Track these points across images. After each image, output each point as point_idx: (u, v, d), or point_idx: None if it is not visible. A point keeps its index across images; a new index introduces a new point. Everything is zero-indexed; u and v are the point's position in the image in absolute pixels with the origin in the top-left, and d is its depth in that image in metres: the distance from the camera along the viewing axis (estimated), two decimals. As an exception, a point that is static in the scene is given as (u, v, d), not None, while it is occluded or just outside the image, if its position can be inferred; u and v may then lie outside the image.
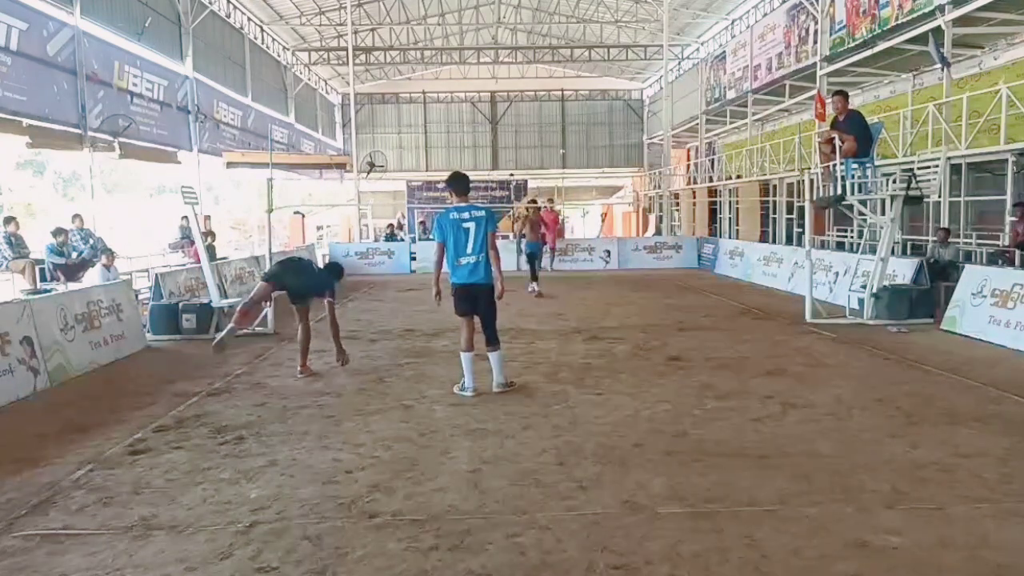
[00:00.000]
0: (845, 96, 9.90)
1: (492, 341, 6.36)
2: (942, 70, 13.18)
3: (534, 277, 13.95)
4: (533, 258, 14.16)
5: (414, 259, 20.24)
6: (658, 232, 29.32)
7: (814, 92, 17.49)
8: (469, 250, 6.11)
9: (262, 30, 27.11)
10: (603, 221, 36.88)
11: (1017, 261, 10.46)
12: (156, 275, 10.53)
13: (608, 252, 20.80)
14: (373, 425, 5.45)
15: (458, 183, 6.37)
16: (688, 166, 32.16)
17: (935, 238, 11.92)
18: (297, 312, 7.21)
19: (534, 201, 15.37)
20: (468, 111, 38.83)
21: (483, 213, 6.24)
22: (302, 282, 7.19)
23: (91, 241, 12.62)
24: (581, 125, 39.10)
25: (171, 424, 5.59)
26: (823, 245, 16.70)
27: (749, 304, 12.11)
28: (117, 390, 6.84)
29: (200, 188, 17.84)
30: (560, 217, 26.93)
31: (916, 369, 7.11)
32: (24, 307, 7.02)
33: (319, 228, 29.12)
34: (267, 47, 27.85)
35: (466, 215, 6.15)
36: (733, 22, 27.63)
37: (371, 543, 3.50)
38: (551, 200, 22.36)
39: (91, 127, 14.29)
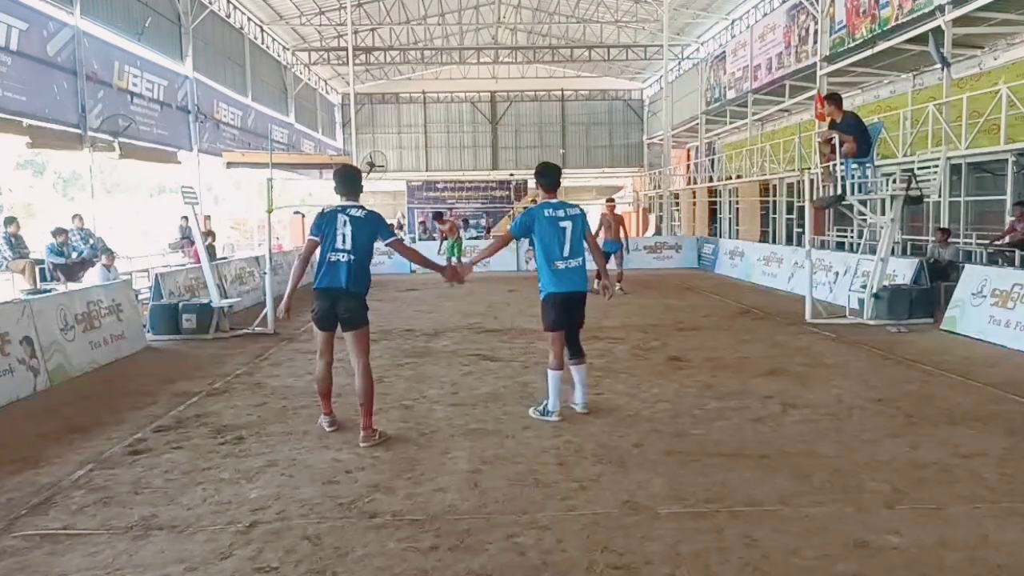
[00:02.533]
0: (838, 101, 9.85)
1: (580, 352, 5.68)
2: (942, 70, 13.19)
3: (619, 277, 13.70)
4: (609, 257, 13.91)
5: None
6: (658, 232, 29.32)
7: (814, 92, 17.49)
8: (567, 252, 5.36)
9: (262, 30, 27.12)
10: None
11: (1017, 261, 10.47)
12: (156, 275, 10.52)
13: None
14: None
15: (549, 176, 5.61)
16: (688, 166, 32.16)
17: (935, 238, 11.92)
18: (350, 344, 5.05)
19: (611, 200, 15.15)
20: (468, 111, 38.85)
21: (578, 211, 5.50)
22: (355, 303, 5.00)
23: (91, 241, 12.63)
24: (581, 125, 39.13)
25: (171, 424, 5.58)
26: (823, 245, 16.71)
27: (749, 304, 12.11)
28: (117, 390, 6.83)
29: (200, 188, 17.84)
30: None
31: (916, 369, 7.10)
32: (24, 307, 7.02)
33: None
34: (267, 47, 27.86)
35: (561, 212, 5.40)
36: (733, 22, 27.64)
37: (371, 543, 3.50)
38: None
39: (91, 127, 14.29)
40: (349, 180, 5.31)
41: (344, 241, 4.93)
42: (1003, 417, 5.40)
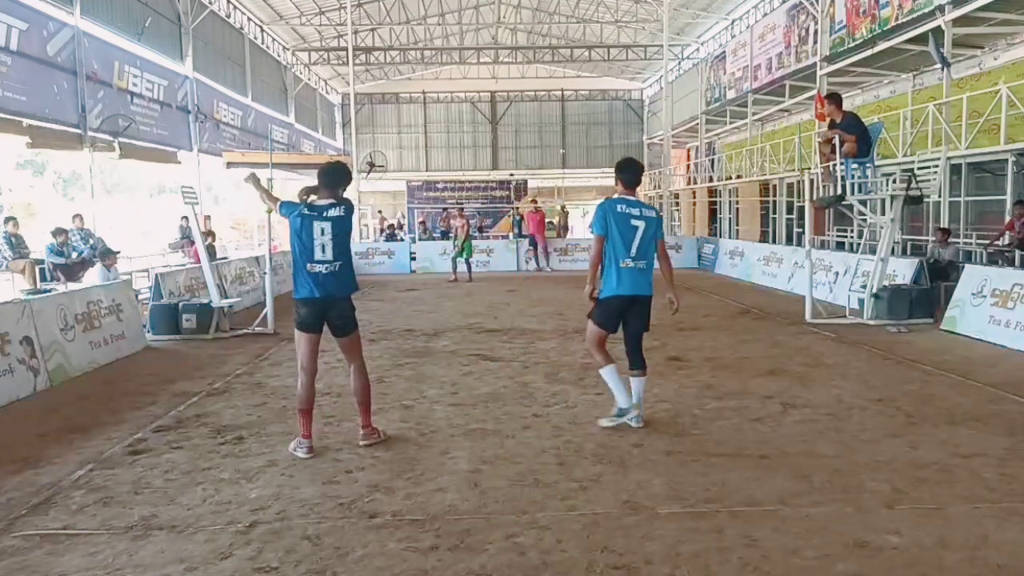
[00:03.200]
0: (838, 101, 9.83)
1: (643, 364, 5.28)
2: (942, 70, 13.19)
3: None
4: None
5: (414, 259, 20.26)
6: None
7: (814, 92, 17.48)
8: (634, 252, 5.03)
9: (262, 30, 27.12)
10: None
11: (1017, 261, 10.47)
12: (156, 275, 10.53)
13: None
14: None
15: (630, 171, 5.23)
16: (688, 166, 32.17)
17: (935, 238, 11.92)
18: (344, 348, 4.97)
19: None
20: (468, 111, 38.85)
21: (654, 214, 5.18)
22: (345, 309, 4.85)
23: (91, 241, 12.63)
24: (581, 125, 39.14)
25: (171, 424, 5.58)
26: (823, 245, 16.71)
27: (749, 304, 12.11)
28: (117, 390, 6.83)
29: (200, 188, 17.84)
30: (564, 217, 26.94)
31: (916, 369, 7.10)
32: (24, 307, 7.02)
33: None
34: (267, 47, 27.86)
35: (636, 211, 5.07)
36: (733, 22, 27.64)
37: (371, 543, 3.49)
38: (535, 201, 22.39)
39: (91, 127, 14.29)
40: (339, 175, 4.85)
41: (324, 251, 4.65)
42: (1003, 417, 5.40)
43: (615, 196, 5.23)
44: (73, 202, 22.22)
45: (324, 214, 4.71)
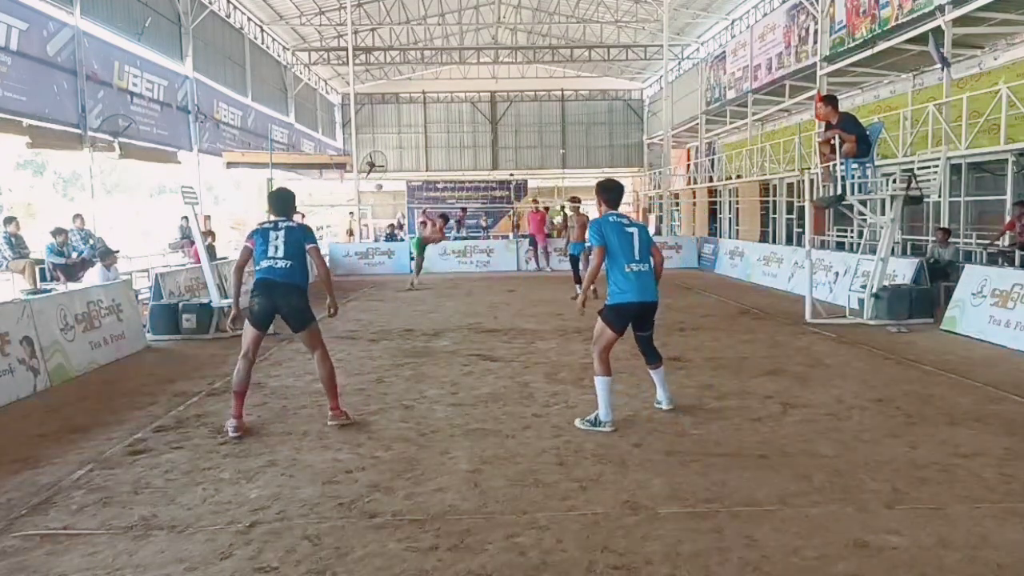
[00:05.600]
0: (834, 102, 9.77)
1: (658, 357, 5.68)
2: (942, 70, 13.19)
3: (577, 280, 13.05)
4: (576, 261, 13.29)
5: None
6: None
7: (814, 92, 17.49)
8: (637, 256, 5.25)
9: (262, 30, 27.13)
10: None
11: (1017, 261, 10.47)
12: (156, 275, 10.52)
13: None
14: (373, 425, 5.45)
15: (615, 192, 5.57)
16: (688, 166, 32.17)
17: (935, 238, 11.93)
18: (304, 342, 5.54)
19: (576, 200, 14.39)
20: (468, 111, 38.85)
21: (642, 225, 5.60)
22: (296, 299, 5.36)
23: (91, 241, 12.63)
24: (581, 125, 39.14)
25: (171, 424, 5.59)
26: (823, 245, 16.71)
27: (749, 304, 12.10)
28: (117, 390, 6.83)
29: (200, 188, 17.84)
30: (567, 216, 26.92)
31: (916, 369, 7.10)
32: (24, 307, 7.02)
33: (319, 228, 29.11)
34: (267, 47, 27.86)
35: (626, 220, 5.44)
36: (733, 22, 27.65)
37: (371, 543, 3.49)
38: (535, 201, 22.39)
39: (91, 127, 14.29)
40: (283, 200, 5.61)
41: (277, 251, 5.27)
42: (1003, 417, 5.40)
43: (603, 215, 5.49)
44: (73, 202, 22.24)
45: (277, 226, 5.40)
